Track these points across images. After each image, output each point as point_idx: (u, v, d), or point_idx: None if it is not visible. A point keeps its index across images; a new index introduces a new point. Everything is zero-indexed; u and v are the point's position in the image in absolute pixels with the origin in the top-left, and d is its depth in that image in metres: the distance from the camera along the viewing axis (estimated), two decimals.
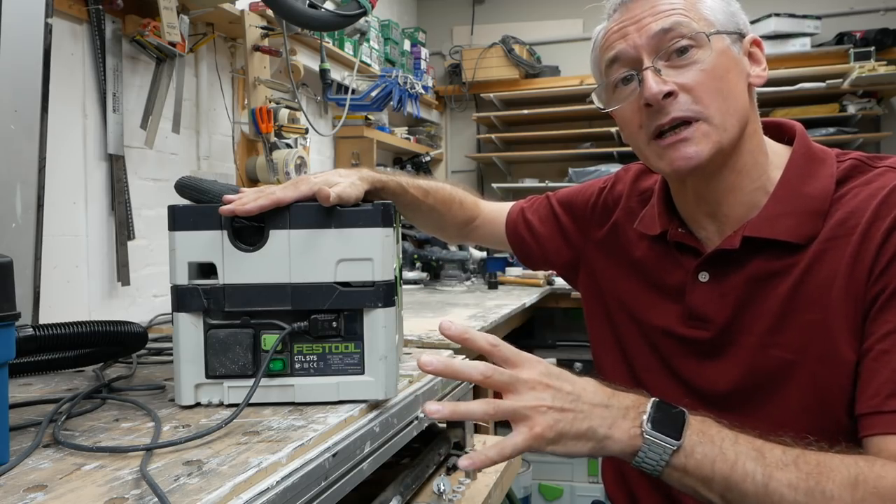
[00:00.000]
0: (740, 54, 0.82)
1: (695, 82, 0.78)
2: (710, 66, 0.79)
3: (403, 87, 2.51)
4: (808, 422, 0.78)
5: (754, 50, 0.84)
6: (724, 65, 0.80)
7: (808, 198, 0.80)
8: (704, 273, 0.86)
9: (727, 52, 0.80)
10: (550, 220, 1.11)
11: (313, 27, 1.94)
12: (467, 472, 1.10)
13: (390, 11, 3.61)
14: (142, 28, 1.60)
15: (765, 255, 0.81)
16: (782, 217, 0.81)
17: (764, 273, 0.81)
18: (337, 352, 0.81)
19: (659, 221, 0.92)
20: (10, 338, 0.61)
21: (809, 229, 0.79)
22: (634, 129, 0.84)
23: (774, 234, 0.80)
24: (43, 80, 1.24)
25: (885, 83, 3.14)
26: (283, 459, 0.64)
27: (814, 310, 0.78)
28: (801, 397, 0.79)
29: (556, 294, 2.94)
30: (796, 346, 0.79)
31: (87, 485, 0.58)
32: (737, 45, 0.82)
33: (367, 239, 0.79)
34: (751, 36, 0.84)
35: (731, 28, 0.81)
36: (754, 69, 0.84)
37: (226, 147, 2.08)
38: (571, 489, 2.70)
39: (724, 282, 0.84)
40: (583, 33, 3.84)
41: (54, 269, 1.45)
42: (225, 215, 0.77)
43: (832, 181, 0.81)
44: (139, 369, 1.03)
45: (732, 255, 0.83)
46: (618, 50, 0.82)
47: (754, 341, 0.82)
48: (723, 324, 0.84)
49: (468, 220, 1.16)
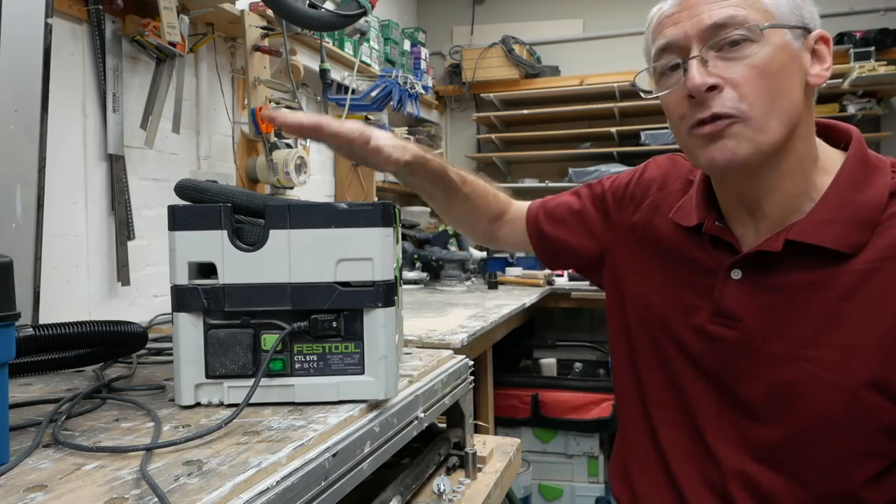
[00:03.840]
0: (801, 50, 0.77)
1: (743, 78, 0.75)
2: (762, 61, 0.75)
3: (403, 87, 2.51)
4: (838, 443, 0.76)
5: (819, 47, 0.79)
6: (779, 61, 0.75)
7: (859, 206, 0.77)
8: (737, 271, 0.83)
9: (785, 48, 0.76)
10: (577, 212, 1.07)
11: (313, 27, 1.94)
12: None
13: (390, 11, 3.61)
14: (142, 28, 1.60)
15: (805, 260, 0.78)
16: (830, 223, 0.77)
17: (803, 280, 0.78)
18: (337, 352, 0.81)
19: (696, 213, 0.88)
20: (10, 338, 0.61)
21: (857, 239, 0.76)
22: (676, 119, 0.82)
23: (820, 241, 0.76)
24: (43, 80, 1.24)
25: (885, 83, 3.15)
26: (283, 459, 0.64)
27: (859, 331, 0.74)
28: (833, 418, 0.76)
29: (556, 294, 2.94)
30: (833, 365, 0.75)
31: (87, 485, 0.58)
32: (799, 40, 0.77)
33: (367, 239, 0.79)
34: (818, 31, 0.79)
35: (794, 21, 0.77)
36: (815, 67, 0.79)
37: (226, 147, 2.08)
38: (571, 489, 2.70)
39: (759, 282, 0.81)
40: (583, 33, 3.84)
41: (54, 269, 1.45)
42: (272, 122, 0.82)
43: (886, 191, 0.77)
44: (139, 369, 1.03)
45: (771, 258, 0.80)
46: (669, 38, 0.79)
47: (785, 350, 0.79)
48: (751, 325, 0.81)
49: (499, 214, 1.12)
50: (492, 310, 2.09)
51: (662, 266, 0.92)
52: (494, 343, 2.15)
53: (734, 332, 0.82)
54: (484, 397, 2.16)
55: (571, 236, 1.06)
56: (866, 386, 0.74)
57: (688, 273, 0.89)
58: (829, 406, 0.76)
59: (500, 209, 1.12)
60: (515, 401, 2.73)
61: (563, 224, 1.07)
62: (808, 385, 0.77)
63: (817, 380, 0.76)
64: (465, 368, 1.13)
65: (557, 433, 2.70)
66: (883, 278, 0.74)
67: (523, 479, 2.54)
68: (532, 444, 2.72)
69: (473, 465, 1.11)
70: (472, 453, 1.12)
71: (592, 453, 2.67)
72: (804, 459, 0.79)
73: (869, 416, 0.74)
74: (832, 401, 0.75)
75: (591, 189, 1.08)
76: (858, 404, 0.74)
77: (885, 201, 0.76)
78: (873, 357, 0.73)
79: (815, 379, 0.76)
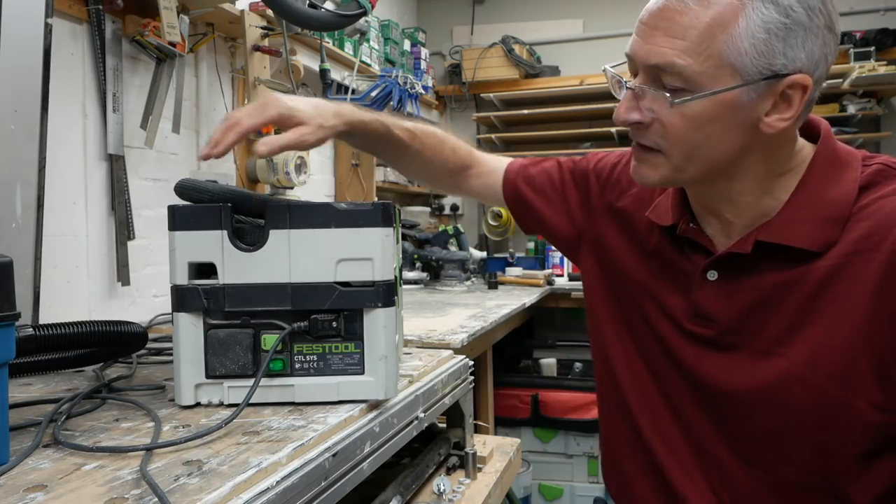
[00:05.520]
0: (759, 98, 0.72)
1: (670, 121, 0.74)
2: (692, 112, 0.73)
3: (403, 87, 2.52)
4: (812, 438, 0.77)
5: (791, 93, 0.72)
6: (713, 114, 0.72)
7: (828, 203, 0.76)
8: (713, 272, 0.83)
9: (726, 101, 0.72)
10: (557, 187, 1.04)
11: (313, 27, 1.94)
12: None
13: (390, 11, 3.61)
14: (142, 28, 1.60)
15: (778, 259, 0.78)
16: (799, 223, 0.77)
17: (777, 279, 0.78)
18: (337, 352, 0.81)
19: (671, 213, 0.88)
20: (10, 338, 0.61)
21: (827, 236, 0.75)
22: None
23: (789, 241, 0.77)
24: (43, 80, 1.24)
25: (885, 83, 3.15)
26: (283, 459, 0.64)
27: (829, 327, 0.74)
28: (805, 414, 0.76)
29: (556, 294, 2.94)
30: (804, 361, 0.76)
31: (87, 485, 0.58)
32: (756, 88, 0.71)
33: (367, 239, 0.79)
34: (795, 78, 0.71)
35: (756, 71, 0.70)
36: (773, 115, 0.73)
37: None
38: (571, 489, 2.70)
39: (734, 283, 0.81)
40: (583, 33, 3.84)
41: (54, 269, 1.45)
42: (203, 160, 0.80)
43: (855, 186, 0.76)
44: (139, 369, 1.03)
45: (744, 258, 0.80)
46: (629, 51, 0.78)
47: (761, 347, 0.79)
48: (728, 325, 0.82)
49: (461, 167, 1.08)
50: (492, 310, 2.09)
51: (642, 260, 0.92)
52: (494, 343, 2.15)
53: (712, 332, 0.83)
54: (484, 397, 2.16)
55: (548, 210, 1.04)
56: (835, 382, 0.74)
57: (666, 271, 0.89)
58: (800, 402, 0.76)
59: (460, 162, 1.08)
60: (515, 401, 2.73)
61: (542, 194, 1.05)
62: (782, 382, 0.77)
63: (789, 376, 0.76)
64: (465, 368, 1.13)
65: (557, 433, 2.70)
66: (852, 273, 0.73)
67: (523, 479, 2.54)
68: (532, 444, 2.72)
69: (473, 465, 1.11)
70: (472, 453, 1.12)
71: (592, 453, 2.67)
72: (781, 454, 0.79)
73: (840, 412, 0.74)
74: (803, 397, 0.76)
75: (575, 165, 1.05)
76: (828, 399, 0.74)
77: (854, 197, 0.76)
78: (842, 353, 0.73)
79: (788, 375, 0.77)
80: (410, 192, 3.53)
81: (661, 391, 0.90)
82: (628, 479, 0.96)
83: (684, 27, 0.70)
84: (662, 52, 0.72)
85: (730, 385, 0.82)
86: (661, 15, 0.72)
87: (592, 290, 1.01)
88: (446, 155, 1.05)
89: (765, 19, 0.69)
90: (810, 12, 0.70)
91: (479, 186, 1.10)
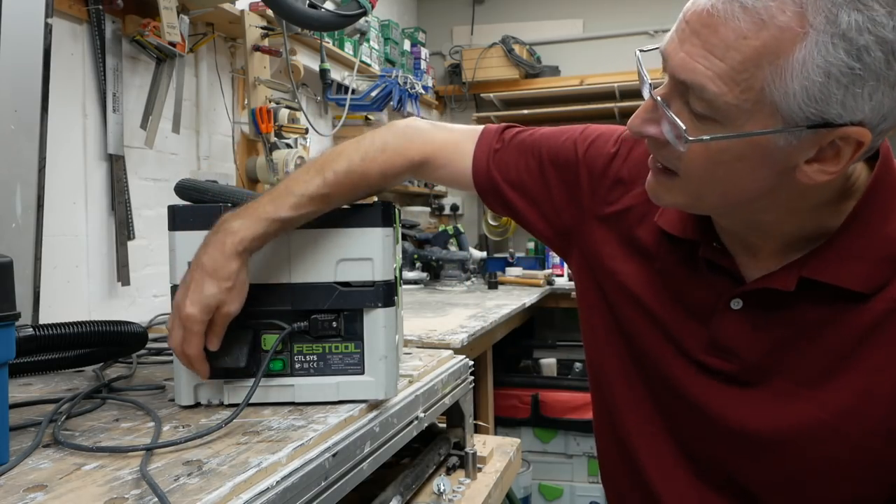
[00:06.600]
0: (795, 145, 0.59)
1: (690, 153, 0.63)
2: (716, 147, 0.61)
3: (403, 87, 2.51)
4: (840, 489, 0.71)
5: (843, 145, 0.59)
6: (738, 152, 0.61)
7: (886, 239, 0.66)
8: (738, 300, 0.72)
9: (757, 142, 0.60)
10: (538, 182, 0.88)
11: (313, 27, 1.94)
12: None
13: (390, 11, 3.61)
14: (142, 28, 1.60)
15: (819, 295, 0.68)
16: (852, 261, 0.66)
17: (815, 317, 0.69)
18: (337, 352, 0.81)
19: (687, 224, 0.76)
20: (10, 338, 0.61)
21: (882, 277, 0.66)
22: None
23: (841, 281, 0.66)
24: (43, 80, 1.24)
25: None
26: (283, 459, 0.64)
27: (874, 375, 0.66)
28: (835, 465, 0.69)
29: (556, 294, 2.94)
30: (839, 411, 0.68)
31: (87, 485, 0.58)
32: (798, 133, 0.58)
33: (367, 239, 0.79)
34: (852, 130, 0.57)
35: (802, 116, 0.57)
36: (814, 165, 0.60)
37: (226, 147, 2.08)
38: (571, 489, 2.70)
39: (762, 315, 0.71)
40: (583, 33, 3.84)
41: (54, 269, 1.45)
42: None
43: None
44: (139, 369, 1.03)
45: (781, 293, 0.69)
46: (663, 47, 0.64)
47: (786, 388, 0.70)
48: (753, 361, 0.72)
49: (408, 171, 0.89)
50: (492, 310, 2.09)
51: (647, 277, 0.80)
52: (494, 343, 2.15)
53: (732, 367, 0.73)
54: (484, 397, 2.16)
55: (528, 210, 0.89)
56: (878, 436, 0.67)
57: (677, 293, 0.77)
58: (831, 453, 0.69)
59: (402, 169, 0.88)
60: (515, 401, 2.73)
61: (519, 191, 0.89)
62: (810, 429, 0.69)
63: (820, 425, 0.69)
64: (465, 368, 1.13)
65: (557, 433, 2.70)
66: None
67: (523, 479, 2.54)
68: (532, 444, 2.72)
69: (473, 465, 1.11)
70: (472, 453, 1.12)
71: (592, 453, 2.67)
72: (800, 501, 0.73)
73: (878, 466, 0.68)
74: (835, 448, 0.69)
75: (558, 152, 0.87)
76: (867, 454, 0.68)
77: None
78: (890, 406, 0.66)
79: (818, 423, 0.69)
80: (410, 192, 3.54)
81: (665, 426, 0.81)
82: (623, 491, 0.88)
83: (727, 46, 0.57)
84: (695, 69, 0.59)
85: (748, 424, 0.73)
86: (705, 20, 0.58)
87: (587, 293, 0.90)
88: (373, 181, 0.85)
89: (828, 59, 0.54)
90: (892, 58, 0.54)
91: (446, 178, 0.93)
